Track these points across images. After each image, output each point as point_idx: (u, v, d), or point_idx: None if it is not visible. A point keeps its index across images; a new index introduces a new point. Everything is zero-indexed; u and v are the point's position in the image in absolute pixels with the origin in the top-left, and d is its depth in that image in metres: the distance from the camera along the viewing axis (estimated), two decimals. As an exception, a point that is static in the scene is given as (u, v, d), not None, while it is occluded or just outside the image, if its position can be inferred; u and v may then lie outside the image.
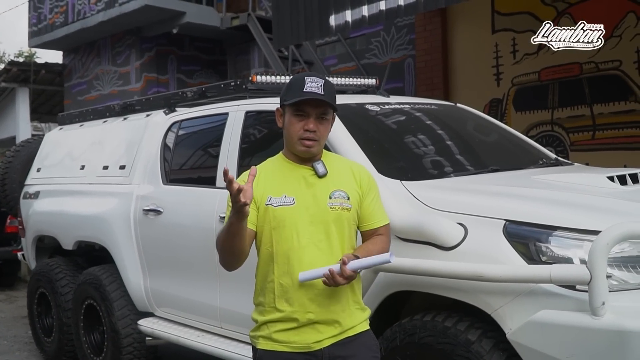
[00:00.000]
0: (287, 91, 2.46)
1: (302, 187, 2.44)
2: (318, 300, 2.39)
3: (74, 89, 13.76)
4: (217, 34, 11.81)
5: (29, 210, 6.33)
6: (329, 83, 2.45)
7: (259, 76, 4.45)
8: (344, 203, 2.43)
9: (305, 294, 2.38)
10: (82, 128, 6.23)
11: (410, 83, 9.17)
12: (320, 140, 2.44)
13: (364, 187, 2.51)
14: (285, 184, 2.44)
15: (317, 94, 2.37)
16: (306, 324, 2.39)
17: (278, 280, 2.41)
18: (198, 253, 4.34)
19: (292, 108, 2.42)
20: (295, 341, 2.39)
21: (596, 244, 2.50)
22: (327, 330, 2.40)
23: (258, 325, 2.48)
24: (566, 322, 2.58)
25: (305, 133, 2.40)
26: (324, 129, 2.45)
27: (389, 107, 4.32)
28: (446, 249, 2.94)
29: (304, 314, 2.38)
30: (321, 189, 2.44)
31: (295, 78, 2.49)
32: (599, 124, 7.26)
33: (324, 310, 2.39)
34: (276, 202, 2.41)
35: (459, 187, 3.45)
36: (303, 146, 2.42)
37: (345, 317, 2.44)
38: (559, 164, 4.31)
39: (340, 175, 2.50)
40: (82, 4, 12.29)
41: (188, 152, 4.94)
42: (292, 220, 2.39)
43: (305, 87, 2.37)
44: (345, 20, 6.94)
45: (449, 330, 2.92)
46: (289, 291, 2.39)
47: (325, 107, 2.42)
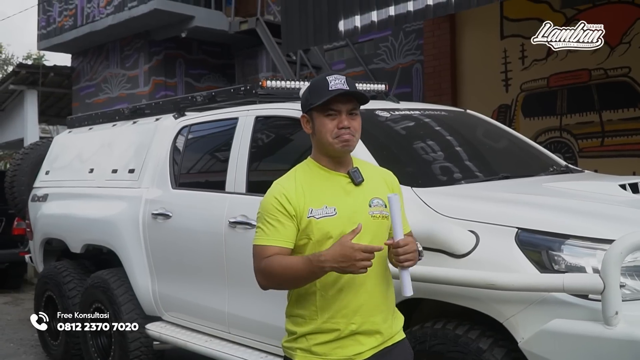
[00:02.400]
0: (312, 94, 2.40)
1: (341, 196, 2.38)
2: (361, 311, 2.34)
3: (82, 92, 13.80)
4: (225, 38, 11.85)
5: (37, 213, 6.34)
6: (350, 79, 2.41)
7: (269, 81, 4.44)
8: (383, 211, 2.38)
9: (349, 305, 2.33)
10: (91, 131, 6.24)
11: (419, 88, 9.16)
12: (356, 135, 2.40)
13: None
14: (324, 193, 2.37)
15: (344, 89, 2.33)
16: (347, 336, 2.34)
17: (320, 292, 2.35)
18: (207, 258, 4.33)
19: (321, 109, 2.36)
20: (336, 354, 2.34)
21: (609, 253, 2.49)
22: (368, 342, 2.36)
23: (296, 337, 2.41)
24: (579, 331, 2.56)
25: (340, 130, 2.35)
26: (357, 124, 2.40)
27: (399, 113, 4.31)
28: (458, 257, 2.93)
29: (347, 325, 2.33)
30: (360, 197, 2.38)
31: (316, 80, 2.44)
32: (607, 130, 7.24)
33: (366, 321, 2.35)
34: (318, 213, 2.32)
35: (470, 194, 3.43)
36: (341, 142, 2.35)
37: (386, 328, 2.40)
38: (570, 171, 4.29)
39: (374, 182, 2.45)
40: (91, 7, 12.35)
41: (197, 157, 4.95)
42: (336, 231, 2.31)
43: (330, 85, 2.33)
44: (355, 26, 6.94)
45: (460, 338, 2.90)
46: (333, 302, 2.34)
47: (354, 102, 2.38)
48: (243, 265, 4.05)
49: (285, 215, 2.33)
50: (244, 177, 4.17)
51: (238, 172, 4.22)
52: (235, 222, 4.03)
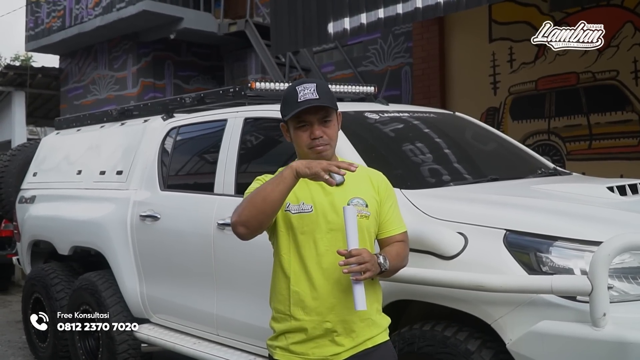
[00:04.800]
0: (284, 106, 2.43)
1: (320, 194, 2.40)
2: (336, 309, 2.34)
3: (71, 94, 13.74)
4: (214, 39, 11.82)
5: (24, 214, 6.30)
6: (322, 84, 2.40)
7: (258, 83, 4.44)
8: (362, 210, 2.38)
9: (323, 303, 2.34)
10: (79, 133, 6.20)
11: (407, 91, 9.18)
12: (331, 142, 2.40)
13: (382, 194, 2.47)
14: (302, 191, 2.39)
15: (311, 100, 2.33)
16: (323, 335, 2.35)
17: (294, 288, 2.37)
18: (195, 260, 4.32)
19: (293, 121, 2.38)
20: (314, 354, 2.35)
21: (597, 255, 2.50)
22: (345, 342, 2.36)
23: (276, 335, 2.44)
24: (567, 332, 2.57)
25: (313, 141, 2.36)
26: (331, 132, 2.40)
27: (388, 115, 4.32)
28: (446, 258, 2.93)
29: (320, 323, 2.34)
30: (339, 197, 2.39)
31: (288, 90, 2.44)
32: (595, 133, 7.29)
33: (341, 320, 2.35)
34: (294, 209, 2.36)
35: (459, 196, 3.44)
36: (315, 153, 2.37)
37: (363, 327, 2.38)
38: (557, 174, 4.31)
39: (358, 182, 2.45)
40: (79, 8, 12.29)
41: (186, 158, 4.93)
42: (310, 227, 2.35)
43: (299, 96, 2.33)
44: (344, 28, 6.95)
45: (448, 340, 2.91)
46: (305, 299, 2.35)
47: (325, 110, 2.37)
48: (232, 267, 4.07)
49: None
50: (233, 178, 4.16)
51: (227, 174, 4.21)
52: (224, 224, 4.01)
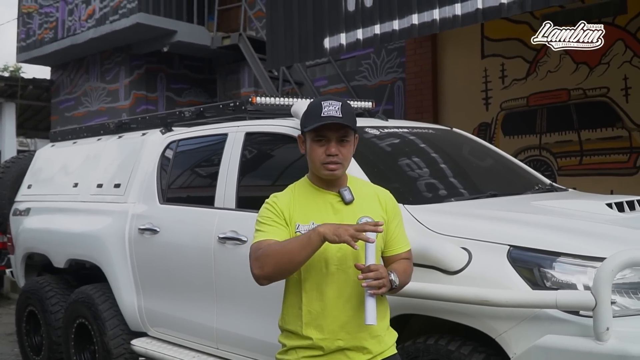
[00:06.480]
0: (306, 118, 2.47)
1: (329, 213, 2.44)
2: (348, 327, 2.38)
3: (62, 105, 13.71)
4: (207, 53, 11.87)
5: (19, 227, 6.27)
6: (347, 105, 2.44)
7: (259, 98, 4.47)
8: None
9: (335, 321, 2.38)
10: (74, 145, 6.19)
11: (400, 106, 9.25)
12: (344, 162, 2.44)
13: (390, 213, 2.52)
14: (312, 210, 2.44)
15: (335, 117, 2.37)
16: (335, 351, 2.39)
17: (306, 308, 2.40)
18: (195, 273, 4.33)
19: (312, 134, 2.42)
20: None
21: (601, 271, 2.55)
22: (356, 357, 2.40)
23: (286, 349, 2.47)
24: (571, 347, 2.61)
25: (327, 158, 2.40)
26: (346, 152, 2.44)
27: (388, 130, 4.37)
28: (450, 273, 2.97)
29: (333, 341, 2.38)
30: (348, 216, 2.42)
31: (313, 104, 2.49)
32: (586, 149, 7.38)
33: (353, 337, 2.39)
34: (304, 229, 2.39)
35: (462, 211, 3.48)
36: (327, 170, 2.41)
37: (374, 344, 2.43)
38: (554, 190, 4.37)
39: (366, 201, 2.49)
40: (72, 20, 12.29)
41: (185, 172, 4.94)
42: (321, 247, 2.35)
43: (323, 111, 2.38)
44: (340, 43, 7.00)
45: (452, 353, 2.94)
46: (318, 318, 2.39)
47: (345, 129, 2.41)
48: (233, 281, 4.08)
49: (280, 218, 2.42)
50: (234, 192, 4.18)
51: (228, 188, 4.23)
52: (225, 238, 4.04)
